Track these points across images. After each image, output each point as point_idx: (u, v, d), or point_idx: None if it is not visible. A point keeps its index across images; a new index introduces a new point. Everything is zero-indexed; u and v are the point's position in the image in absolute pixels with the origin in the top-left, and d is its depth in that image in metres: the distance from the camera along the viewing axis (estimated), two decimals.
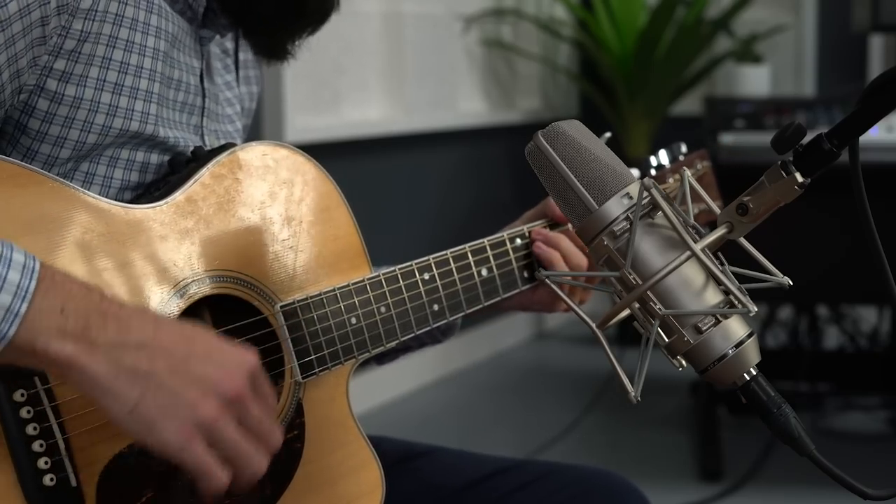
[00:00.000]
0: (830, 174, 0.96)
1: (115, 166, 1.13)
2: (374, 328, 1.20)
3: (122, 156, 1.13)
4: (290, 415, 1.15)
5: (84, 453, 1.00)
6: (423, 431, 3.52)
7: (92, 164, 1.12)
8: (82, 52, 1.08)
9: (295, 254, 1.18)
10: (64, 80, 1.08)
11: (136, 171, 1.14)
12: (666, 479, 3.09)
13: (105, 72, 1.09)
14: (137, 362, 0.92)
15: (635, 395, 0.93)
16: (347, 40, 3.72)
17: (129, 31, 1.11)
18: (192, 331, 0.97)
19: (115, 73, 1.10)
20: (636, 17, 4.52)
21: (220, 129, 1.27)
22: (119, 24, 1.10)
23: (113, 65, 1.10)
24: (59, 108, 1.08)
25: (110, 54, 1.09)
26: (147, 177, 1.15)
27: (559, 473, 1.33)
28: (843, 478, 0.91)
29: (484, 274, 1.29)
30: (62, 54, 1.07)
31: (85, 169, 1.11)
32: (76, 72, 1.08)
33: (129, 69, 1.11)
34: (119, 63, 1.10)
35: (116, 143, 1.12)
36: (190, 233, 1.11)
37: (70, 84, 1.08)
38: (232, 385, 0.95)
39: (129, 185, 1.14)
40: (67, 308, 0.90)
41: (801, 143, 0.92)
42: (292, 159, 1.20)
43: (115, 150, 1.12)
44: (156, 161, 1.15)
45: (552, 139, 0.96)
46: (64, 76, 1.07)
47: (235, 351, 0.98)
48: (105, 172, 1.12)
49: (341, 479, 1.18)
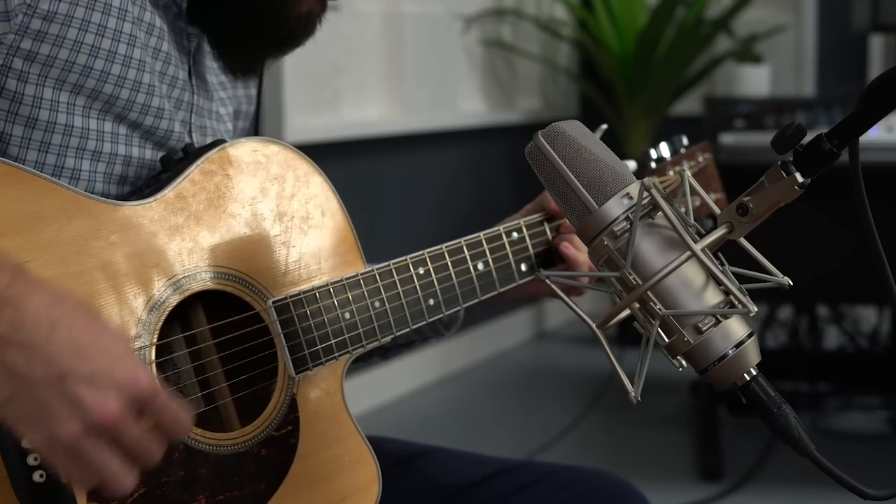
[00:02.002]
0: (830, 174, 0.96)
1: (98, 160, 1.12)
2: (369, 323, 1.20)
3: (105, 149, 1.12)
4: (284, 410, 1.15)
5: None
6: (423, 431, 3.52)
7: (77, 159, 1.11)
8: (49, 33, 1.07)
9: (287, 249, 1.18)
10: (30, 60, 1.07)
11: (121, 164, 1.14)
12: (666, 480, 3.09)
13: (76, 54, 1.09)
14: (17, 362, 0.90)
15: (635, 395, 0.93)
16: (347, 40, 3.72)
17: (101, 16, 1.10)
18: (91, 340, 0.93)
19: (85, 56, 1.09)
20: (636, 17, 4.52)
21: (208, 127, 1.26)
22: (92, 7, 1.09)
23: (84, 48, 1.09)
24: (25, 86, 1.07)
25: (82, 38, 1.09)
26: (131, 170, 1.15)
27: (559, 474, 1.33)
28: (843, 478, 0.91)
29: (480, 268, 1.29)
30: (29, 33, 1.06)
31: (70, 165, 1.11)
32: (42, 52, 1.07)
33: (100, 53, 1.10)
34: (90, 46, 1.10)
35: (99, 132, 1.12)
36: (180, 229, 1.11)
37: (36, 63, 1.07)
38: (102, 412, 0.90)
39: (116, 177, 1.14)
40: None
41: (801, 143, 0.92)
42: (283, 155, 1.20)
43: (99, 144, 1.12)
44: (137, 154, 1.15)
45: (552, 139, 0.96)
46: (30, 55, 1.07)
47: (124, 371, 0.92)
48: (90, 167, 1.12)
49: (337, 474, 1.18)
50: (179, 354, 1.12)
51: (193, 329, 1.12)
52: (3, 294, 0.90)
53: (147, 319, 1.07)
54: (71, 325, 0.92)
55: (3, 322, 0.90)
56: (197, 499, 1.07)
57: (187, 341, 1.12)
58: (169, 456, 1.05)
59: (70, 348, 0.91)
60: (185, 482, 1.06)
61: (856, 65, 4.51)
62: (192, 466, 1.07)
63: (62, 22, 1.08)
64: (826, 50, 4.73)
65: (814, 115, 3.10)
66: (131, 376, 0.92)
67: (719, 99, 3.48)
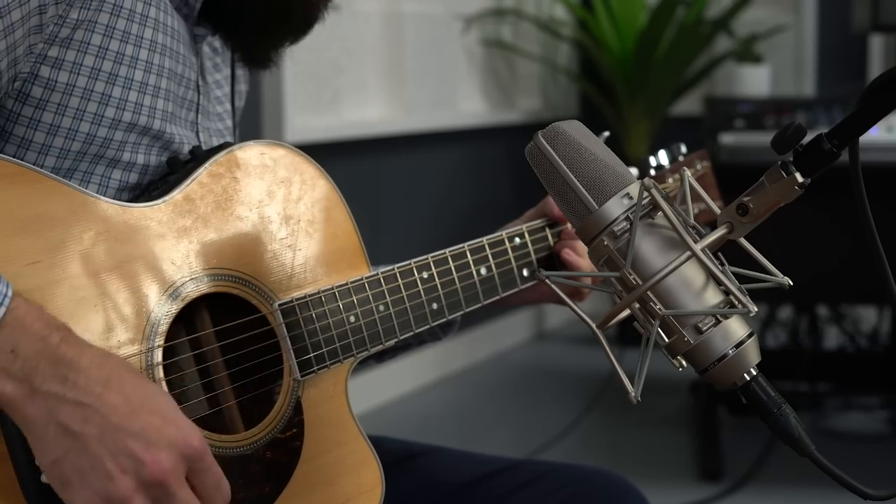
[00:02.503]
0: (830, 174, 0.96)
1: (115, 167, 1.13)
2: (373, 327, 1.20)
3: (124, 158, 1.13)
4: (289, 413, 1.15)
5: None
6: (423, 431, 3.52)
7: (92, 164, 1.12)
8: (74, 39, 1.07)
9: (293, 252, 1.18)
10: (56, 67, 1.07)
11: (137, 172, 1.14)
12: (666, 479, 3.09)
13: (101, 61, 1.09)
14: (71, 420, 0.91)
15: (635, 395, 0.93)
16: (347, 40, 3.72)
17: (126, 22, 1.10)
18: (142, 398, 0.94)
19: (110, 63, 1.09)
20: (636, 17, 4.52)
21: (212, 127, 1.27)
22: (117, 14, 1.09)
23: (109, 54, 1.09)
24: (51, 94, 1.08)
25: (107, 44, 1.09)
26: (146, 178, 1.15)
27: (559, 473, 1.33)
28: (843, 478, 0.91)
29: (483, 273, 1.30)
30: (56, 42, 1.06)
31: (83, 168, 1.11)
32: (68, 58, 1.07)
33: (124, 59, 1.10)
34: (115, 53, 1.10)
35: (120, 142, 1.12)
36: (188, 231, 1.11)
37: (63, 71, 1.07)
38: (156, 468, 0.92)
39: (129, 185, 1.14)
40: (19, 349, 0.91)
41: (801, 143, 0.92)
42: (290, 158, 1.20)
43: (118, 153, 1.12)
44: (154, 163, 1.15)
45: (552, 139, 0.96)
46: (57, 63, 1.07)
47: (176, 429, 0.94)
48: (104, 172, 1.12)
49: (340, 477, 1.18)
50: (185, 357, 1.12)
51: (199, 331, 1.13)
52: (56, 352, 0.91)
53: (154, 321, 1.07)
54: (122, 384, 0.93)
55: (57, 380, 0.91)
56: None
57: (193, 343, 1.12)
58: None
59: (123, 406, 0.93)
60: None
61: (856, 65, 4.51)
62: None
63: (86, 28, 1.07)
64: (826, 50, 4.73)
65: (814, 115, 3.10)
66: (183, 434, 0.94)
67: (719, 99, 3.48)
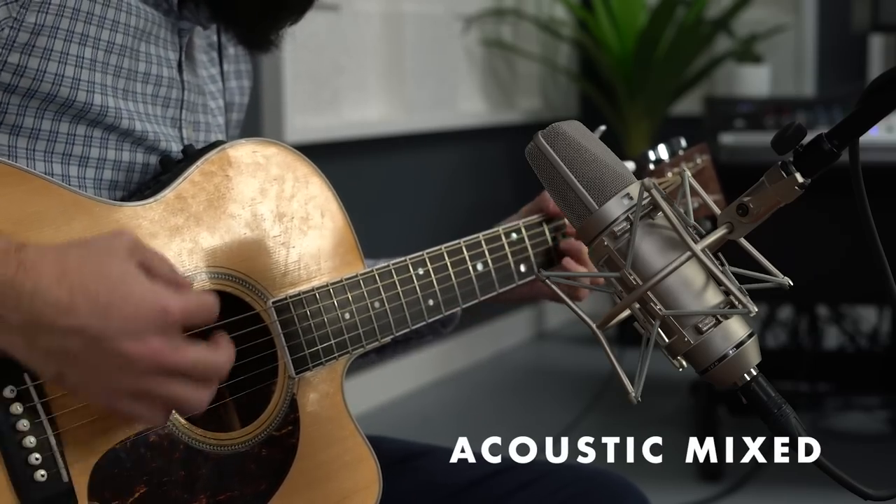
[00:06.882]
0: (830, 174, 0.96)
1: (87, 166, 1.12)
2: (369, 323, 1.20)
3: (92, 154, 1.12)
4: (284, 410, 1.15)
5: (76, 449, 1.00)
6: (423, 431, 3.52)
7: (80, 168, 1.11)
8: (36, 46, 1.06)
9: (287, 250, 1.18)
10: (18, 74, 1.06)
11: (112, 169, 1.14)
12: (666, 479, 3.09)
13: (63, 67, 1.08)
14: (50, 343, 0.92)
15: (635, 395, 0.93)
16: (347, 40, 3.72)
17: (83, 25, 1.09)
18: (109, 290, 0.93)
19: (71, 68, 1.08)
20: (636, 17, 4.52)
21: (201, 122, 1.26)
22: (75, 18, 1.08)
23: (70, 59, 1.08)
24: (11, 97, 1.07)
25: (67, 48, 1.08)
26: (134, 177, 1.15)
27: (559, 473, 1.33)
28: (843, 478, 0.91)
29: (479, 269, 1.30)
30: (15, 48, 1.05)
31: (68, 173, 1.11)
32: (31, 65, 1.06)
33: (83, 62, 1.09)
34: (74, 57, 1.08)
35: (84, 137, 1.11)
36: (180, 230, 1.11)
37: (25, 77, 1.06)
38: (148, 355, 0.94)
39: (111, 183, 1.14)
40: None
41: (801, 143, 0.92)
42: (282, 156, 1.20)
43: (85, 149, 1.12)
44: (137, 160, 1.15)
45: (552, 139, 0.96)
46: (18, 70, 1.06)
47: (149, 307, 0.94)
48: (77, 174, 1.12)
49: (337, 474, 1.18)
50: None
51: None
52: (13, 283, 0.91)
53: None
54: (85, 288, 0.93)
55: (23, 312, 0.92)
56: (198, 498, 1.07)
57: None
58: (169, 456, 1.06)
59: (94, 311, 0.93)
60: (186, 482, 1.07)
61: (856, 65, 4.51)
62: (192, 466, 1.07)
63: (48, 34, 1.07)
64: (826, 50, 4.74)
65: (814, 115, 3.10)
66: (158, 309, 0.95)
67: (719, 99, 3.48)
